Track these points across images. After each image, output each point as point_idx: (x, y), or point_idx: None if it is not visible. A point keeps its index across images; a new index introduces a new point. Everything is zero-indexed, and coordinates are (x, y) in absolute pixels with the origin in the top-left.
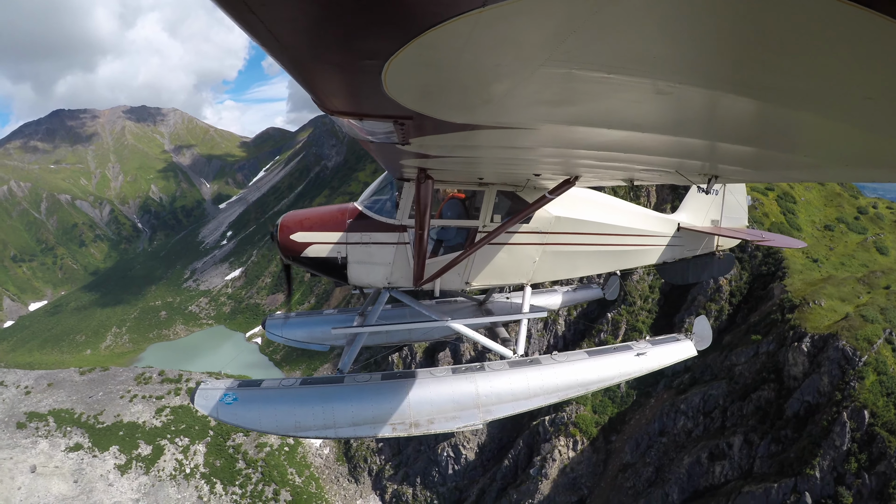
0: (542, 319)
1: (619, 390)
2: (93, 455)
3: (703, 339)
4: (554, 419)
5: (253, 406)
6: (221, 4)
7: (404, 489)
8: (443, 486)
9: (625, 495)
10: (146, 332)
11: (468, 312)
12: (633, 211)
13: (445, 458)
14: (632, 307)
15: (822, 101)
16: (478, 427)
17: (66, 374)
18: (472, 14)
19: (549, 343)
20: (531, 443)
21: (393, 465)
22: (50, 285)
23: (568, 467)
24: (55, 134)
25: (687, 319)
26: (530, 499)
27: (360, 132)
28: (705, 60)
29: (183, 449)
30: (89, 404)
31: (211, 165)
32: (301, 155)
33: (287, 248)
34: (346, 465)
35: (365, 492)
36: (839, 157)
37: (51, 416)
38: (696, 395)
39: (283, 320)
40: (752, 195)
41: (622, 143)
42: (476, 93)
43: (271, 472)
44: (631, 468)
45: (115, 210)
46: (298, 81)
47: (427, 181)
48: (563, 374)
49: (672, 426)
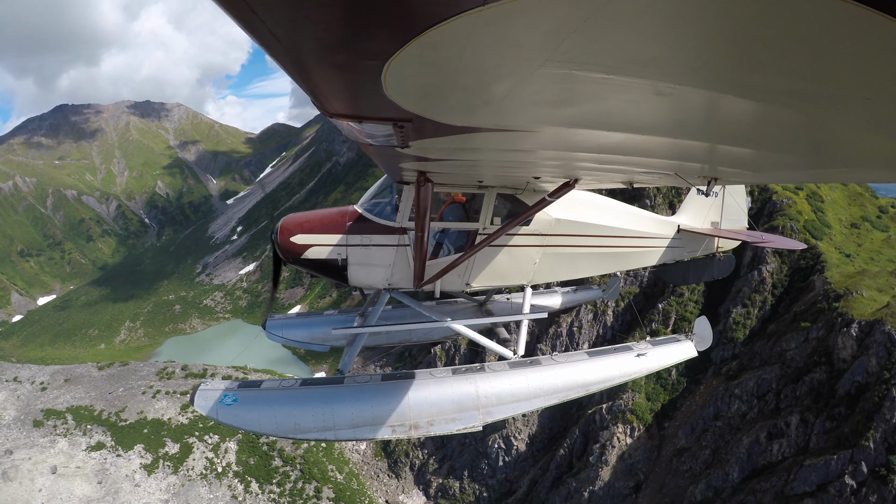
0: (591, 310)
1: (670, 377)
2: (116, 454)
3: (704, 339)
4: (611, 407)
5: (253, 407)
6: (222, 3)
7: (450, 482)
8: (492, 477)
9: (681, 478)
10: (161, 326)
11: (468, 313)
12: (632, 213)
13: (496, 450)
14: (681, 298)
15: (823, 103)
16: (477, 429)
17: (84, 369)
18: (472, 13)
19: (598, 333)
20: (587, 431)
21: (437, 459)
22: (58, 280)
23: (626, 453)
24: (59, 129)
25: (732, 310)
26: (591, 485)
27: (359, 135)
28: (705, 61)
29: (213, 447)
30: (109, 401)
31: (217, 161)
32: (310, 151)
33: (287, 250)
34: (386, 460)
35: (407, 487)
36: (839, 159)
37: (69, 413)
38: (751, 379)
39: (283, 321)
40: (784, 195)
41: (622, 145)
42: (476, 94)
43: (311, 470)
44: (687, 452)
45: (122, 205)
46: (298, 83)
47: (427, 184)
48: (564, 374)
49: (726, 410)
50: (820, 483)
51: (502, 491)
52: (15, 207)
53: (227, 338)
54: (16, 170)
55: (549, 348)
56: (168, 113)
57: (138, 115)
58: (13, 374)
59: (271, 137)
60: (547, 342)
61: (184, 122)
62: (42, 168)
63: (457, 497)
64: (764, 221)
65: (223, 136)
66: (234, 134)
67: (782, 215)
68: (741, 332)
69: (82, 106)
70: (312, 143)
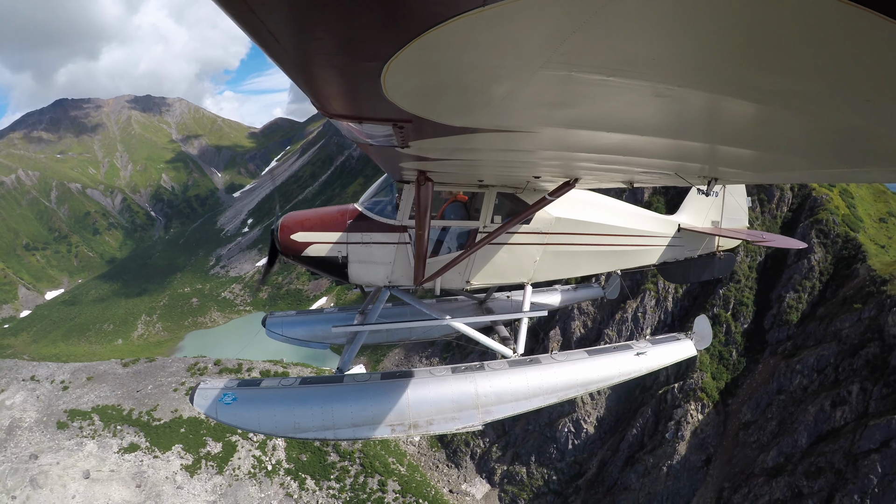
0: (654, 296)
1: (731, 358)
2: (153, 456)
3: (703, 338)
4: (682, 386)
5: (252, 406)
6: (221, 4)
7: (516, 468)
8: (561, 461)
9: (749, 449)
10: (180, 320)
11: (468, 311)
12: (633, 212)
13: (566, 434)
14: (738, 284)
15: (822, 103)
16: (477, 428)
17: (107, 366)
18: (471, 14)
19: (659, 318)
20: (658, 410)
21: (500, 447)
22: (66, 273)
23: (698, 429)
24: (59, 123)
25: (785, 295)
26: (669, 460)
27: (359, 135)
28: (705, 62)
29: (259, 445)
30: (139, 399)
31: (221, 155)
32: (319, 144)
33: (288, 248)
34: (443, 451)
35: (469, 476)
36: (839, 159)
37: (95, 413)
38: (811, 356)
39: (282, 319)
40: (821, 191)
41: (622, 145)
42: (476, 95)
43: (373, 463)
44: (753, 425)
45: (128, 199)
46: (297, 84)
47: (427, 183)
48: (563, 373)
49: (789, 385)
50: (883, 440)
51: (571, 473)
52: (18, 201)
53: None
54: (18, 163)
55: (615, 334)
56: (169, 108)
57: (139, 110)
58: (30, 373)
59: (274, 132)
60: (613, 327)
61: (186, 117)
62: (44, 161)
63: (524, 482)
64: (806, 216)
65: (226, 130)
66: (237, 128)
67: (824, 210)
68: (795, 315)
69: (82, 100)
70: (320, 137)
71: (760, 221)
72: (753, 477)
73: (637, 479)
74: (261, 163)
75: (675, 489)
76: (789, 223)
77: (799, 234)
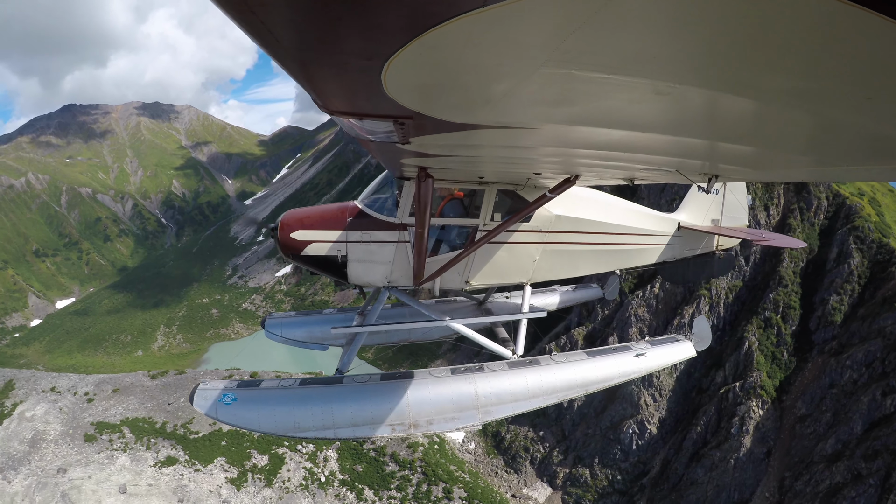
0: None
1: (783, 357)
2: (194, 469)
3: (703, 339)
4: (743, 385)
5: (252, 406)
6: (221, 4)
7: (580, 471)
8: (625, 461)
9: (806, 440)
10: (202, 332)
11: (467, 312)
12: (633, 210)
13: (630, 435)
14: (786, 288)
15: (823, 101)
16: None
17: (133, 378)
18: (472, 14)
19: (713, 323)
20: (720, 408)
21: (561, 451)
22: (76, 281)
23: (759, 423)
24: (67, 128)
25: (829, 298)
26: (735, 453)
27: (360, 131)
28: (705, 60)
29: (309, 456)
30: (171, 412)
31: (231, 162)
32: (334, 152)
33: (287, 246)
34: (501, 457)
35: (529, 480)
36: (839, 156)
37: (125, 426)
38: (859, 352)
39: (282, 320)
40: (853, 200)
41: (622, 142)
42: (476, 93)
43: (435, 471)
44: (809, 418)
45: (139, 205)
46: (299, 82)
47: (427, 180)
48: (562, 374)
49: (839, 379)
50: None
51: (635, 473)
52: (28, 205)
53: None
54: (27, 166)
55: None
56: (178, 114)
57: (148, 116)
58: (49, 384)
59: (284, 139)
60: (671, 332)
61: (195, 124)
62: (54, 165)
63: (588, 483)
64: (842, 223)
65: (235, 137)
66: (247, 136)
67: (859, 217)
68: (838, 316)
69: (90, 106)
70: (333, 145)
71: (801, 229)
72: (813, 464)
73: (704, 474)
74: (272, 170)
75: (741, 480)
76: (826, 230)
77: (837, 240)
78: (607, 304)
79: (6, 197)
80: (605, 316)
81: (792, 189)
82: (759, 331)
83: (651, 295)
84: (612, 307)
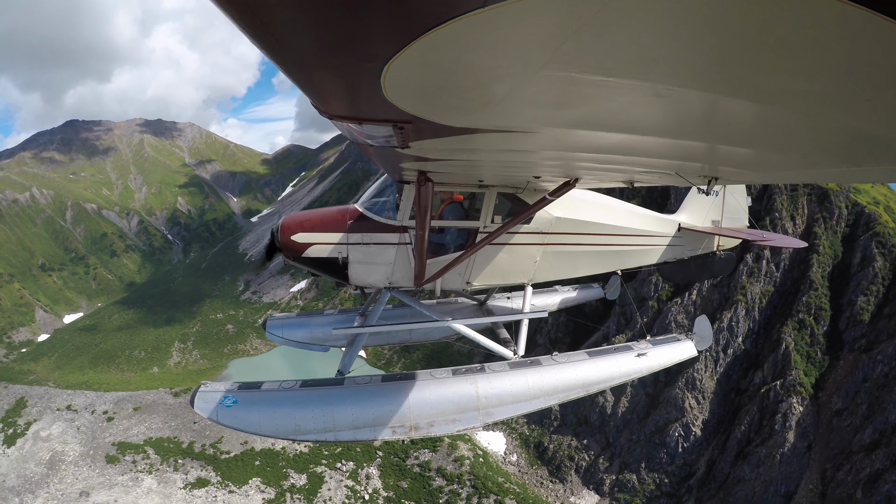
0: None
1: (817, 356)
2: (228, 490)
3: (704, 339)
4: (783, 383)
5: (253, 409)
6: (222, 5)
7: (626, 476)
8: (671, 464)
9: (844, 432)
10: (218, 348)
11: (469, 312)
12: (633, 211)
13: (675, 438)
14: (817, 292)
15: (822, 103)
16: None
17: (155, 395)
18: (472, 15)
19: (749, 327)
20: (762, 407)
21: (606, 458)
22: (84, 296)
23: (800, 419)
24: (71, 144)
25: (856, 300)
26: (781, 448)
27: (359, 136)
28: (705, 62)
29: (350, 474)
30: (198, 431)
31: (235, 180)
32: (342, 169)
33: (288, 249)
34: (545, 467)
35: (575, 489)
36: (839, 158)
37: (149, 446)
38: (889, 346)
39: (283, 321)
40: (871, 209)
41: (622, 145)
42: (476, 95)
43: (485, 484)
44: (845, 411)
45: (144, 221)
46: (298, 85)
47: (427, 184)
48: (564, 375)
49: (871, 373)
50: None
51: (682, 475)
52: (33, 219)
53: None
54: (32, 181)
55: (714, 342)
56: (181, 132)
57: (151, 133)
58: (64, 402)
59: (287, 158)
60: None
61: (198, 141)
62: (59, 181)
63: (636, 488)
64: (863, 230)
65: (239, 155)
66: (250, 154)
67: (879, 224)
68: (866, 316)
69: (93, 122)
70: (340, 163)
71: (825, 237)
72: (853, 454)
73: (751, 470)
74: (276, 188)
75: (786, 474)
76: (848, 237)
77: (860, 245)
78: (647, 311)
79: (11, 211)
80: (645, 323)
81: (815, 200)
82: (795, 332)
83: (689, 301)
84: (652, 314)
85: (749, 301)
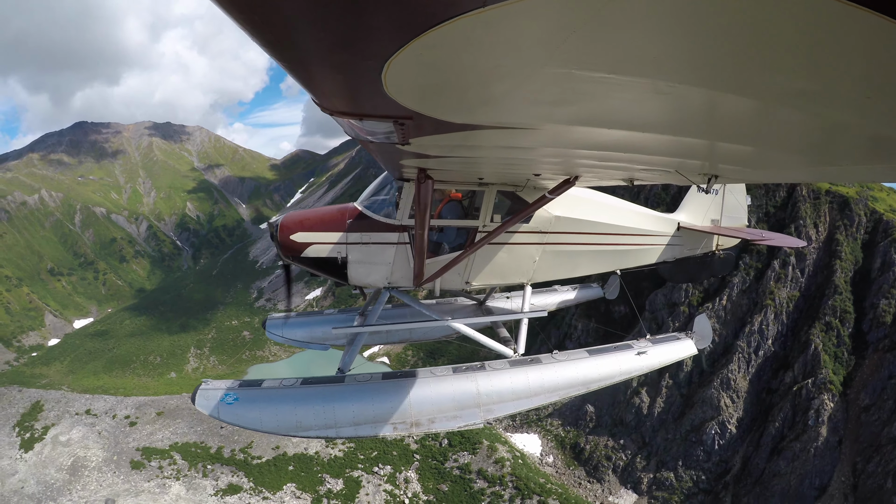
0: (774, 310)
1: (843, 356)
2: (262, 497)
3: (704, 337)
4: (815, 381)
5: (254, 406)
6: (223, 4)
7: (664, 475)
8: (707, 461)
9: (872, 427)
10: (236, 354)
11: (468, 312)
12: (632, 210)
13: (712, 437)
14: (840, 295)
15: (823, 101)
16: (479, 426)
17: (179, 400)
18: (472, 14)
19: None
20: (794, 404)
21: (643, 457)
22: (94, 301)
23: (832, 415)
24: (79, 146)
25: (879, 302)
26: (815, 442)
27: (359, 132)
28: (705, 60)
29: (388, 478)
30: (226, 436)
31: (244, 186)
32: (353, 175)
33: (287, 248)
34: (582, 468)
35: (613, 489)
36: (839, 156)
37: (175, 451)
38: None
39: (283, 320)
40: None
41: (622, 142)
42: (476, 93)
43: (528, 485)
44: (873, 407)
45: (154, 226)
46: (299, 81)
47: (427, 181)
48: (564, 372)
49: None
50: None
51: (718, 472)
52: (42, 222)
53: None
54: (41, 183)
55: (745, 345)
56: (189, 136)
57: (160, 137)
58: (83, 406)
59: (296, 164)
60: (743, 339)
61: (206, 146)
62: (67, 184)
63: (674, 486)
64: (882, 237)
65: (248, 160)
66: (258, 159)
67: None
68: (888, 317)
69: (101, 125)
70: (351, 168)
71: (846, 243)
72: (881, 447)
73: (787, 465)
74: (285, 194)
75: (820, 467)
76: (868, 244)
77: (880, 251)
78: (678, 316)
79: (19, 213)
80: (676, 328)
81: (836, 208)
82: (822, 334)
83: (720, 307)
84: (683, 319)
85: (777, 305)
